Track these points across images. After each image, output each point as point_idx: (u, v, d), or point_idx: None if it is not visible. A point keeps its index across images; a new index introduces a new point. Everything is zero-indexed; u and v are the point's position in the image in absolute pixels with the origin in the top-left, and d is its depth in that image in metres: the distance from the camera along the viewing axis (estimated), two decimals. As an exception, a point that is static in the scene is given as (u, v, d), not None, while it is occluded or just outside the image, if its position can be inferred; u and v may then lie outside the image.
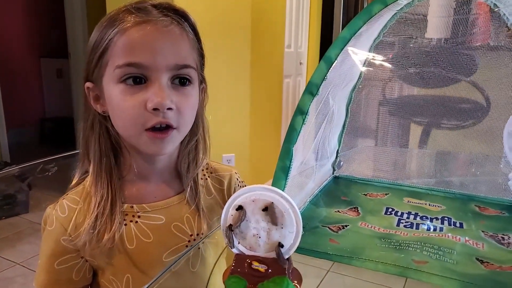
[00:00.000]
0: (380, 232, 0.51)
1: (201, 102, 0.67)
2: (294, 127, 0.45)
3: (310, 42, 3.52)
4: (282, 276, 0.39)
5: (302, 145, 0.49)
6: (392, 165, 0.75)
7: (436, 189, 0.67)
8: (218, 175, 0.74)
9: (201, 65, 0.65)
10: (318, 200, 0.62)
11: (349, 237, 0.50)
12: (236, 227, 0.41)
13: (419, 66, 0.69)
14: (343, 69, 0.52)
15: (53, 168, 0.79)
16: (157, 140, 0.58)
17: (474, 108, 0.72)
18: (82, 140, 0.64)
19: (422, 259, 0.44)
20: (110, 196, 0.61)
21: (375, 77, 0.68)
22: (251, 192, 0.40)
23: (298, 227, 0.40)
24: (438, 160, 0.74)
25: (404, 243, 0.48)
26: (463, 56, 0.65)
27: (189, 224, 0.66)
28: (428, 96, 0.72)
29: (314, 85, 0.45)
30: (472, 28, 0.67)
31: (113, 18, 0.58)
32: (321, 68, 0.45)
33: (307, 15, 3.40)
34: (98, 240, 0.60)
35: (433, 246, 0.47)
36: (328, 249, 0.46)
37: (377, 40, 0.61)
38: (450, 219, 0.55)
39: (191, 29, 0.61)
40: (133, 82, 0.56)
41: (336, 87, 0.54)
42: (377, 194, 0.65)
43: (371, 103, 0.73)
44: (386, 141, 0.76)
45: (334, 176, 0.72)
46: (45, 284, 0.62)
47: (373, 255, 0.45)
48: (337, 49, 0.46)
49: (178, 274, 0.60)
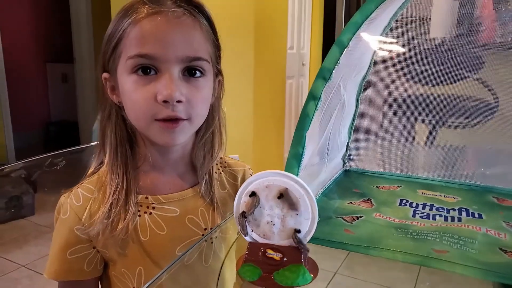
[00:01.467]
0: (395, 223, 0.50)
1: (218, 95, 0.67)
2: (307, 113, 0.44)
3: (312, 43, 3.51)
4: (298, 264, 0.38)
5: (315, 133, 0.47)
6: (402, 159, 0.74)
7: (451, 181, 0.65)
8: (232, 170, 0.73)
9: (217, 57, 0.64)
10: (330, 192, 0.60)
11: (364, 227, 0.48)
12: (250, 214, 0.39)
13: (424, 64, 0.68)
14: (355, 56, 0.50)
15: (62, 162, 0.78)
16: (168, 130, 0.57)
17: (481, 105, 0.71)
18: (99, 130, 0.65)
19: (442, 249, 0.42)
20: (125, 186, 0.61)
21: (379, 78, 0.67)
22: (264, 178, 0.39)
23: (314, 213, 0.39)
24: (449, 154, 0.73)
25: (422, 233, 0.46)
26: (469, 53, 0.64)
27: (203, 217, 0.65)
28: (434, 95, 0.71)
29: (327, 69, 0.44)
30: (477, 26, 0.66)
31: (127, 8, 0.58)
32: (334, 52, 0.44)
33: (309, 16, 3.40)
34: (112, 230, 0.59)
35: (453, 235, 0.45)
36: (343, 239, 0.45)
37: (388, 28, 0.59)
38: (467, 210, 0.54)
39: (206, 20, 0.60)
40: (142, 72, 0.56)
41: (347, 75, 0.52)
42: (390, 187, 0.64)
43: (375, 103, 0.72)
44: (392, 140, 0.75)
45: (344, 170, 0.71)
46: (57, 274, 0.62)
47: (390, 244, 0.43)
48: (349, 34, 0.44)
49: (191, 268, 0.59)
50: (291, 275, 0.37)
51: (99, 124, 0.65)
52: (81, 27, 3.78)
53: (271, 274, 0.38)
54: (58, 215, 0.64)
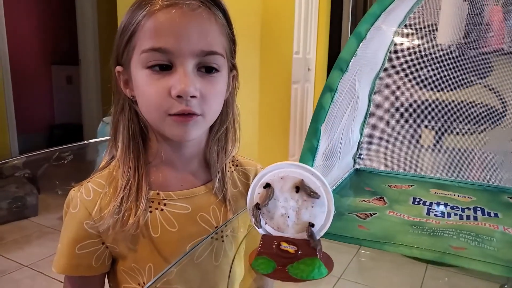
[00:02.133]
0: (410, 220, 0.49)
1: (232, 90, 0.66)
2: (322, 105, 0.43)
3: (318, 48, 3.51)
4: (314, 257, 0.37)
5: (330, 126, 0.46)
6: (411, 161, 0.73)
7: (464, 181, 0.64)
8: (244, 169, 0.72)
9: (232, 51, 0.63)
10: (341, 190, 0.59)
11: (378, 224, 0.47)
12: (264, 206, 0.38)
13: (431, 69, 0.67)
14: (371, 48, 0.49)
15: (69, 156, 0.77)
16: (181, 124, 0.56)
17: (489, 112, 0.70)
18: (112, 124, 0.63)
19: (460, 245, 0.41)
20: (136, 180, 0.60)
21: (385, 85, 0.66)
22: (279, 169, 0.38)
23: (330, 206, 0.38)
24: (459, 156, 0.72)
25: (438, 229, 0.45)
26: (477, 58, 0.63)
27: (215, 215, 0.64)
28: (440, 101, 0.70)
29: (344, 61, 0.43)
30: (486, 33, 0.66)
31: (142, 0, 0.57)
32: (351, 43, 0.43)
33: (315, 21, 3.40)
34: (123, 225, 0.58)
35: (470, 233, 0.44)
36: (358, 234, 0.44)
37: (403, 24, 0.59)
38: (483, 209, 0.53)
39: (222, 13, 0.59)
40: (159, 68, 0.55)
41: (362, 69, 0.52)
42: (402, 186, 0.63)
43: (381, 110, 0.71)
44: (398, 144, 0.74)
45: (355, 169, 0.70)
46: (65, 269, 0.61)
47: (406, 240, 0.42)
48: (367, 25, 0.44)
49: (201, 267, 0.58)
50: (306, 268, 0.36)
51: (112, 118, 0.64)
52: (87, 29, 3.80)
53: (285, 267, 0.37)
54: (67, 208, 0.63)
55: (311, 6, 3.27)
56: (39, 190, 2.49)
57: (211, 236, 0.61)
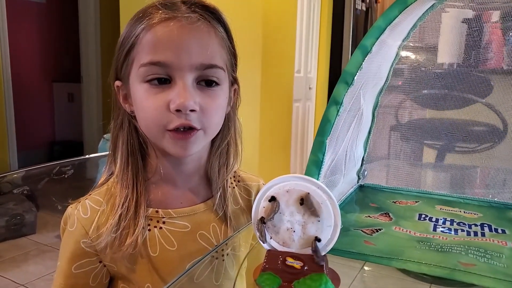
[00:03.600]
0: (417, 236, 0.48)
1: (234, 104, 0.65)
2: (328, 119, 0.43)
3: (319, 67, 3.54)
4: (320, 272, 0.36)
5: (335, 140, 0.46)
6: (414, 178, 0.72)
7: (469, 198, 0.63)
8: (246, 185, 0.71)
9: (233, 65, 0.62)
10: (346, 206, 0.58)
11: (384, 239, 0.46)
12: (269, 220, 0.38)
13: (432, 88, 0.67)
14: (376, 63, 0.49)
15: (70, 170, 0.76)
16: (180, 141, 0.55)
17: (489, 131, 0.69)
18: (111, 139, 0.62)
19: (469, 262, 0.40)
20: (135, 198, 0.58)
21: (386, 104, 0.66)
22: (285, 182, 0.38)
23: (337, 220, 0.37)
24: (460, 175, 0.71)
25: (446, 246, 0.44)
26: (477, 77, 0.64)
27: (215, 233, 0.62)
28: (441, 120, 0.70)
29: (349, 74, 0.43)
30: (486, 53, 0.66)
31: (141, 13, 0.56)
32: (357, 57, 0.43)
33: (316, 40, 3.44)
34: (120, 244, 0.57)
35: (479, 249, 0.43)
36: (364, 250, 0.43)
37: (406, 39, 0.59)
38: (490, 226, 0.52)
39: (222, 26, 0.59)
40: (158, 82, 0.55)
41: (367, 83, 0.51)
42: (407, 202, 0.62)
43: (382, 128, 0.71)
44: (400, 162, 0.74)
45: (359, 185, 0.69)
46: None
47: (414, 256, 0.41)
48: (372, 38, 0.44)
49: (201, 287, 0.56)
50: (313, 284, 0.35)
51: (111, 134, 0.63)
52: (89, 46, 3.83)
53: (291, 283, 0.36)
54: (65, 226, 0.61)
55: (312, 25, 3.31)
56: (38, 207, 2.47)
57: (211, 255, 0.60)
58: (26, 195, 2.41)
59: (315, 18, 3.36)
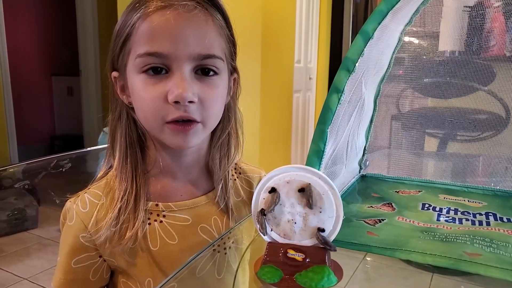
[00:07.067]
0: (420, 226, 0.47)
1: (234, 94, 0.63)
2: (329, 107, 0.42)
3: (319, 57, 3.52)
4: (322, 265, 0.35)
5: (336, 129, 0.45)
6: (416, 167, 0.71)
7: (473, 186, 0.62)
8: (247, 176, 0.70)
9: (232, 53, 0.60)
10: (348, 196, 0.57)
11: (388, 230, 0.45)
12: (269, 212, 0.37)
13: (433, 77, 0.66)
14: (378, 49, 0.48)
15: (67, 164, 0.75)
16: (180, 133, 0.54)
17: (492, 119, 0.68)
18: (110, 132, 0.61)
19: (474, 252, 0.39)
20: (134, 191, 0.57)
21: (387, 93, 0.65)
22: (285, 173, 0.37)
23: (339, 211, 0.36)
24: (462, 163, 0.70)
25: (450, 236, 0.43)
26: (479, 65, 0.62)
27: (217, 226, 0.61)
28: (443, 108, 0.69)
29: (351, 60, 0.41)
30: (487, 40, 0.65)
31: (136, 2, 0.54)
32: (358, 42, 0.42)
33: (316, 30, 3.41)
34: (120, 238, 0.56)
35: (484, 239, 0.42)
36: (367, 241, 0.42)
37: (408, 25, 0.57)
38: (495, 215, 0.51)
39: (220, 14, 0.57)
40: (153, 72, 0.53)
41: (368, 70, 0.50)
42: (410, 191, 0.61)
43: (383, 118, 0.70)
44: (402, 151, 0.73)
45: (361, 175, 0.68)
46: (61, 284, 0.59)
47: (418, 246, 0.40)
48: (374, 23, 0.42)
49: (203, 281, 0.55)
50: (315, 276, 0.34)
51: (109, 126, 0.62)
52: (88, 40, 3.81)
53: (293, 276, 0.35)
54: (64, 220, 0.61)
55: (312, 15, 3.28)
56: (39, 202, 2.47)
57: (213, 248, 0.59)
58: (27, 190, 2.41)
59: (315, 7, 3.33)
